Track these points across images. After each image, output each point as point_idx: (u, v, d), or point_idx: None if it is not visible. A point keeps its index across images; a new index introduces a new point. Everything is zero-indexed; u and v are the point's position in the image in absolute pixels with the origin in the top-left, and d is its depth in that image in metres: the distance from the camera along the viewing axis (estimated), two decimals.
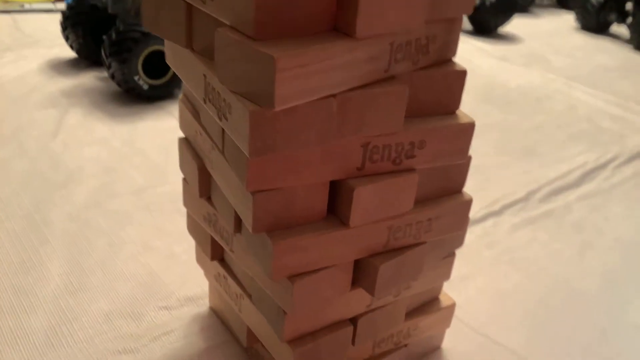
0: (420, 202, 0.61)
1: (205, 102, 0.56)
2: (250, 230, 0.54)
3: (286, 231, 0.55)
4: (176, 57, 0.62)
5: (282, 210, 0.55)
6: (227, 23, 0.48)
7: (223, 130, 0.56)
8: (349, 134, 0.52)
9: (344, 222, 0.56)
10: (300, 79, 0.46)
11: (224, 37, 0.48)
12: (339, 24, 0.48)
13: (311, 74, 0.46)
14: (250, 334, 0.72)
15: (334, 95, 0.49)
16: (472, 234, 1.04)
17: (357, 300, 0.63)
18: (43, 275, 0.88)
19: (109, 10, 1.54)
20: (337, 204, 0.57)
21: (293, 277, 0.56)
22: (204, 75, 0.55)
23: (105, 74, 1.65)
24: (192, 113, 0.66)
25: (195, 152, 0.68)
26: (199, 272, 0.83)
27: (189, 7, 0.56)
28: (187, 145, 0.70)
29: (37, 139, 1.28)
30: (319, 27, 0.48)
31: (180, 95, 0.71)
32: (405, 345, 0.72)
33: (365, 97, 0.51)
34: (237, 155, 0.53)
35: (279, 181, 0.53)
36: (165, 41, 0.63)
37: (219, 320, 0.81)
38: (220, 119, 0.53)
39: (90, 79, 1.65)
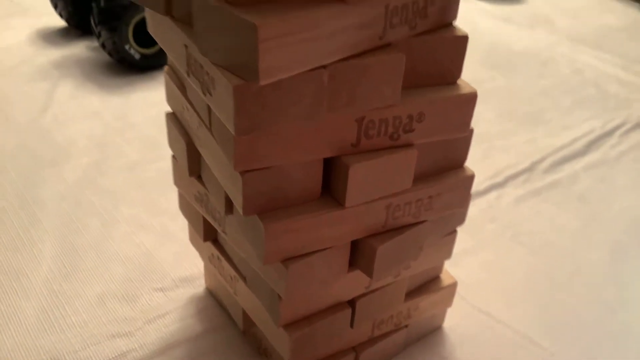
0: (420, 178, 0.57)
1: (188, 76, 0.52)
2: (241, 212, 0.51)
3: (278, 213, 0.52)
4: (157, 25, 0.58)
5: (273, 191, 0.51)
6: None
7: (209, 105, 0.52)
8: (342, 108, 0.48)
9: (339, 202, 0.53)
10: (287, 48, 0.42)
11: (201, 2, 0.44)
12: None
13: (298, 42, 0.42)
14: (246, 317, 0.70)
15: (324, 66, 0.45)
16: (474, 207, 1.01)
17: (355, 282, 0.60)
18: (35, 256, 0.85)
19: None
20: (331, 183, 0.53)
21: (287, 261, 0.53)
22: (185, 46, 0.51)
23: (96, 43, 1.59)
24: (178, 86, 0.63)
25: (183, 128, 0.64)
26: (195, 251, 0.80)
27: None
28: (174, 120, 0.66)
29: (27, 113, 1.24)
30: None
31: (166, 67, 0.67)
32: (406, 326, 0.70)
33: (359, 67, 0.47)
34: (224, 132, 0.50)
35: (269, 160, 0.50)
36: (146, 9, 0.59)
37: (215, 302, 0.79)
38: (204, 94, 0.49)
39: (81, 49, 1.59)
